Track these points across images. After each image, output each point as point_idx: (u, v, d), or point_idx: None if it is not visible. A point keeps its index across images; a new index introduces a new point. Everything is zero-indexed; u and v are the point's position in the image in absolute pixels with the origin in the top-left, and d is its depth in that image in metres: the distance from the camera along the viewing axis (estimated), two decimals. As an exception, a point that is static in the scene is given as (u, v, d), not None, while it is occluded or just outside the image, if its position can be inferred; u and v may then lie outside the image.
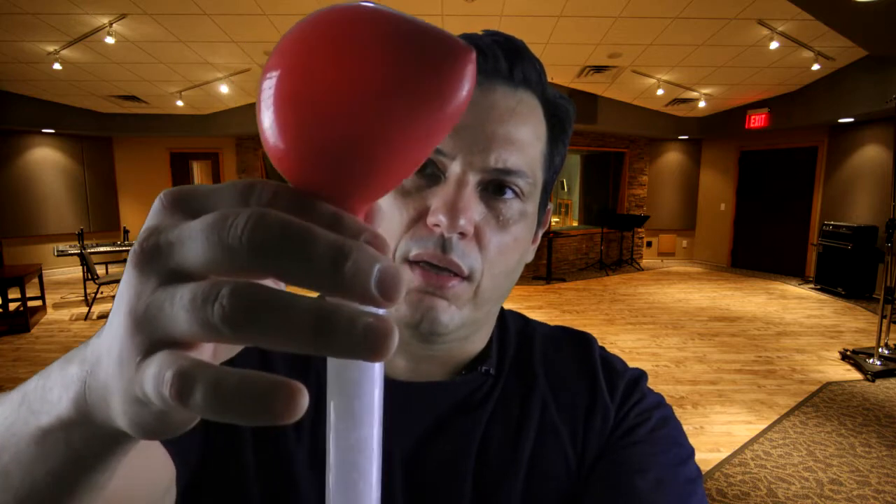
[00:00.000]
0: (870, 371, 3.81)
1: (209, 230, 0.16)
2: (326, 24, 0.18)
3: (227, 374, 0.15)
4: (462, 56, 0.18)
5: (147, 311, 0.17)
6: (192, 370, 0.15)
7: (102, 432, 0.20)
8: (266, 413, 0.15)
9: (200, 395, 0.15)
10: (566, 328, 0.59)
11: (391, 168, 0.19)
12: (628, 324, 5.35)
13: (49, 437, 0.21)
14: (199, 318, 0.16)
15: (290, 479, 0.44)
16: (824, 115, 6.51)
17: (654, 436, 0.49)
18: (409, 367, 0.49)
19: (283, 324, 0.15)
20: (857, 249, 6.36)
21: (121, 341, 0.18)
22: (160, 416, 0.18)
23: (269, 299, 0.15)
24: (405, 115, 0.18)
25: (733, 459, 2.74)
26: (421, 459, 0.46)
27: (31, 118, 7.19)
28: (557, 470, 0.48)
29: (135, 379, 0.17)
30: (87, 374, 0.20)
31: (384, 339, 0.15)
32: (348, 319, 0.15)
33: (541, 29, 4.79)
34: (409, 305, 0.42)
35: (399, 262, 0.43)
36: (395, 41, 0.18)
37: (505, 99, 0.44)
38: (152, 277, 0.17)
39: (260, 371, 0.15)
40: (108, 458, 0.22)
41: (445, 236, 0.41)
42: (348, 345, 0.15)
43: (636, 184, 9.32)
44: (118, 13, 4.29)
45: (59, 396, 0.21)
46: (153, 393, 0.16)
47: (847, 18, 4.13)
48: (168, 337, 0.17)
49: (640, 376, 0.54)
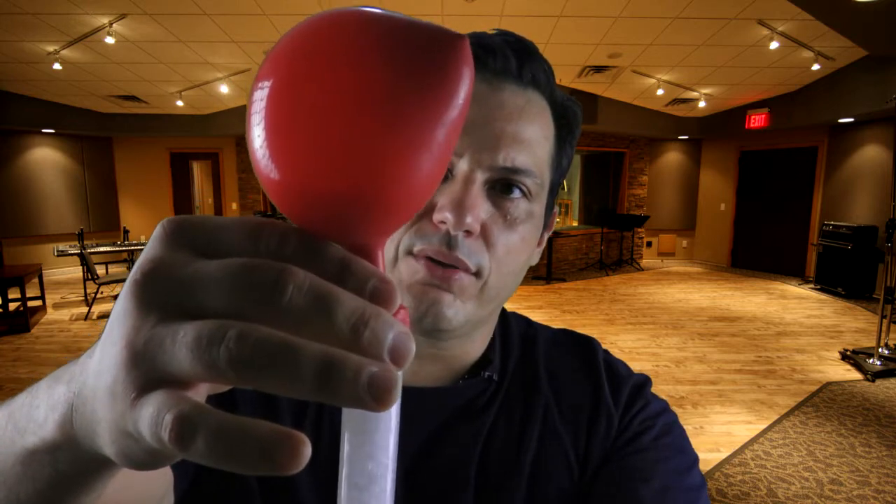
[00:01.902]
0: (870, 371, 3.81)
1: (232, 279, 0.16)
2: (314, 35, 0.18)
3: (229, 421, 0.15)
4: (457, 45, 0.18)
5: (146, 347, 0.17)
6: (194, 416, 0.15)
7: (88, 457, 0.20)
8: (269, 463, 0.15)
9: (202, 443, 0.15)
10: (569, 331, 0.59)
11: (410, 188, 0.18)
12: (628, 324, 5.35)
13: (34, 459, 0.21)
14: (203, 360, 0.15)
15: (291, 489, 0.44)
16: (824, 115, 6.51)
17: (659, 443, 0.48)
18: (412, 369, 0.48)
19: (289, 372, 0.15)
20: (857, 249, 6.36)
21: (114, 374, 0.17)
22: (151, 452, 0.17)
23: (277, 346, 0.15)
24: (416, 119, 0.18)
25: (733, 459, 2.74)
26: (423, 466, 0.46)
27: (31, 118, 7.19)
28: (560, 476, 0.48)
29: (128, 415, 0.17)
30: (75, 396, 0.19)
31: (389, 391, 0.15)
32: (354, 370, 0.15)
33: (541, 29, 4.79)
34: (414, 298, 0.42)
35: (403, 256, 0.43)
36: (391, 43, 0.17)
37: (514, 98, 0.44)
38: (153, 312, 0.17)
39: (261, 420, 0.15)
40: (95, 481, 0.22)
41: (451, 234, 0.41)
42: (353, 395, 0.15)
43: (636, 184, 9.32)
44: (118, 13, 4.29)
45: (46, 417, 0.21)
46: (149, 434, 0.16)
47: (847, 18, 4.13)
48: (167, 375, 0.16)
49: (645, 382, 0.54)
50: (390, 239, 0.42)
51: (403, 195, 0.19)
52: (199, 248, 0.18)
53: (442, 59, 0.18)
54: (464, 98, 0.18)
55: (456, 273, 0.42)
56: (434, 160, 0.19)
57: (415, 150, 0.18)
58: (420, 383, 0.49)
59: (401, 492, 0.45)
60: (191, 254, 0.18)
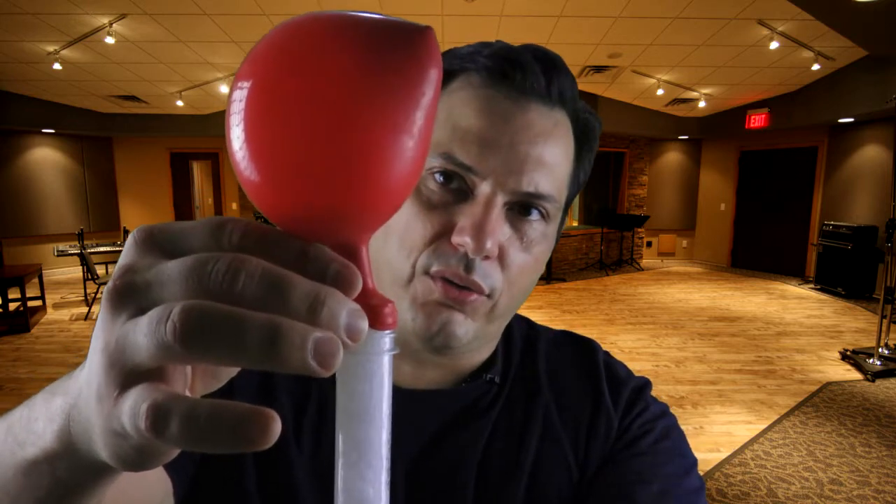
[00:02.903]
0: (870, 371, 3.81)
1: (187, 272, 0.17)
2: (289, 37, 0.19)
3: (200, 404, 0.16)
4: (422, 37, 0.19)
5: (117, 345, 0.18)
6: (167, 402, 0.16)
7: (87, 464, 0.21)
8: (240, 441, 0.16)
9: (175, 427, 0.15)
10: (570, 333, 0.59)
11: (390, 178, 0.19)
12: (628, 324, 5.35)
13: (35, 469, 0.22)
14: (155, 339, 0.16)
15: (291, 491, 0.44)
16: (824, 115, 6.51)
17: (658, 447, 0.49)
18: (414, 373, 0.48)
19: (234, 340, 0.15)
20: (857, 249, 6.36)
21: (98, 377, 0.18)
22: (139, 448, 0.18)
23: (220, 316, 0.16)
24: (389, 110, 0.18)
25: (733, 459, 2.74)
26: (423, 467, 0.46)
27: (31, 118, 7.18)
28: (559, 478, 0.48)
29: (113, 413, 0.17)
30: (71, 406, 0.20)
31: (333, 355, 0.16)
32: (300, 336, 0.16)
33: (541, 29, 4.79)
34: (427, 316, 0.42)
35: (419, 275, 0.42)
36: (360, 40, 0.18)
37: (541, 119, 0.43)
38: (123, 314, 0.18)
39: (232, 401, 0.16)
40: (94, 488, 0.22)
41: (470, 257, 0.40)
42: (299, 361, 0.16)
43: (636, 184, 9.32)
44: (118, 13, 4.29)
45: (44, 429, 0.21)
46: (130, 426, 0.16)
47: (847, 18, 4.13)
48: (136, 366, 0.17)
49: (645, 385, 0.54)
50: (406, 255, 0.42)
51: (382, 190, 0.19)
52: (167, 252, 0.19)
53: (409, 51, 0.18)
54: (434, 88, 0.19)
55: (471, 295, 0.42)
56: (410, 155, 0.19)
57: (390, 144, 0.19)
58: (422, 386, 0.49)
59: (402, 493, 0.45)
60: (159, 257, 0.19)
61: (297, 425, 0.46)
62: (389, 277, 0.44)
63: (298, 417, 0.47)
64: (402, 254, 0.42)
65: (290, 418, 0.46)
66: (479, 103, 0.42)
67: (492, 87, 0.43)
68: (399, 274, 0.43)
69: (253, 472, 0.44)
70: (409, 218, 0.42)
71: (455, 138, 0.42)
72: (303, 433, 0.46)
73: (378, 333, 0.21)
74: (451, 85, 0.45)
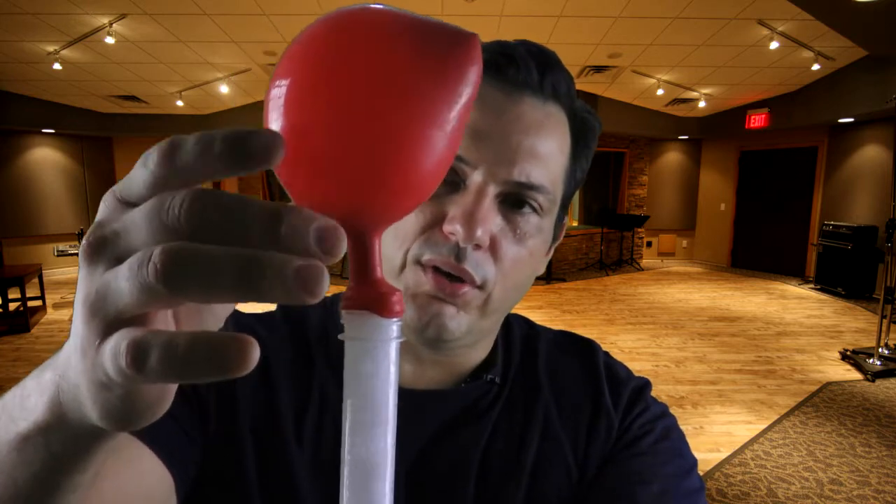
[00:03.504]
0: (870, 371, 3.81)
1: (149, 213, 0.17)
2: (338, 28, 0.19)
3: (178, 335, 0.16)
4: (468, 42, 0.19)
5: (97, 295, 0.18)
6: (146, 337, 0.16)
7: (78, 432, 0.21)
8: (220, 367, 0.16)
9: (155, 358, 0.16)
10: (570, 333, 0.59)
11: (418, 173, 0.20)
12: (628, 324, 5.35)
13: (28, 443, 0.22)
14: (137, 282, 0.16)
15: (292, 488, 0.44)
16: (824, 115, 6.51)
17: (658, 447, 0.49)
18: (415, 373, 0.48)
19: (214, 274, 0.15)
20: (857, 249, 6.36)
21: (81, 331, 0.18)
22: (125, 398, 0.18)
23: (199, 251, 0.16)
24: (429, 109, 0.19)
25: (733, 459, 2.74)
26: (424, 467, 0.46)
27: (31, 118, 7.18)
28: (559, 478, 0.48)
29: (96, 361, 0.18)
30: (60, 377, 0.20)
31: (317, 280, 0.16)
32: (279, 264, 0.16)
33: (541, 29, 4.79)
34: (418, 309, 0.42)
35: (411, 265, 0.42)
36: (410, 36, 0.19)
37: (533, 111, 0.43)
38: (100, 266, 0.18)
39: (210, 331, 0.16)
40: (87, 458, 0.22)
41: (461, 245, 0.40)
42: (282, 289, 0.16)
43: (636, 184, 9.31)
44: (118, 13, 4.29)
45: (36, 403, 0.21)
46: (112, 368, 0.17)
47: (847, 18, 4.12)
48: (119, 313, 0.17)
49: (645, 385, 0.54)
50: (399, 246, 0.43)
51: (411, 178, 0.20)
52: (132, 204, 0.19)
53: (456, 54, 0.19)
54: (472, 91, 0.20)
55: (462, 288, 0.42)
56: (441, 149, 0.20)
57: (424, 143, 0.19)
58: (422, 386, 0.49)
59: (402, 493, 0.45)
60: (125, 210, 0.19)
61: (297, 423, 0.46)
62: (383, 268, 0.44)
63: (299, 415, 0.47)
64: (395, 244, 0.43)
65: (290, 416, 0.46)
66: None
67: (485, 80, 0.43)
68: (391, 264, 0.43)
69: (254, 469, 0.44)
70: None
71: None
72: (304, 430, 0.46)
73: (386, 321, 0.21)
74: None
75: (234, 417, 0.46)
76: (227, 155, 0.16)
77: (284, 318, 0.54)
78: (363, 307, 0.21)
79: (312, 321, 0.53)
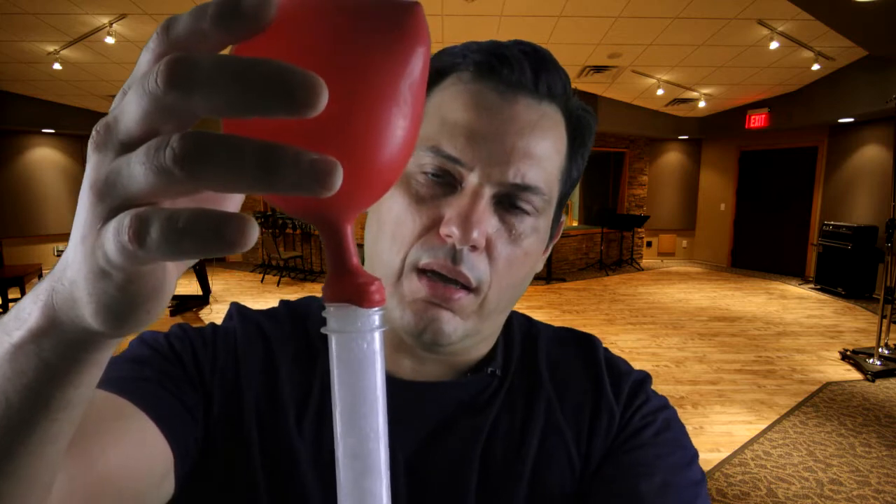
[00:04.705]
0: (870, 371, 3.81)
1: (135, 86, 0.17)
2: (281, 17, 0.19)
3: (180, 210, 0.16)
4: (412, 11, 0.19)
5: (107, 179, 0.18)
6: (149, 212, 0.16)
7: (71, 337, 0.21)
8: (220, 242, 0.16)
9: (157, 232, 0.16)
10: (570, 329, 0.59)
11: (376, 156, 0.19)
12: (628, 324, 5.35)
13: (20, 352, 0.22)
14: (153, 166, 0.16)
15: (295, 482, 0.44)
16: (824, 115, 6.52)
17: (659, 439, 0.49)
18: (415, 368, 0.49)
19: (232, 161, 0.16)
20: (857, 249, 6.36)
21: (84, 218, 0.18)
22: (123, 286, 0.18)
23: (218, 139, 0.16)
24: (376, 82, 0.19)
25: (733, 459, 2.74)
26: (425, 459, 0.46)
27: (31, 118, 7.19)
28: (562, 471, 0.48)
29: (96, 244, 0.18)
30: (56, 281, 0.20)
31: (330, 173, 0.16)
32: (294, 155, 0.16)
33: (541, 29, 4.79)
34: (414, 314, 0.42)
35: (409, 270, 0.43)
36: (346, 16, 0.18)
37: (528, 111, 0.43)
38: (110, 152, 0.18)
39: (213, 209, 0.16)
40: (79, 368, 0.22)
41: (457, 247, 0.41)
42: (296, 178, 0.16)
43: (636, 184, 9.32)
44: (118, 13, 4.29)
45: (30, 311, 0.21)
46: (114, 246, 0.17)
47: (847, 18, 4.13)
48: (128, 197, 0.17)
49: (645, 378, 0.54)
50: (397, 251, 0.43)
51: (373, 161, 0.20)
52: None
53: (401, 25, 0.19)
54: (422, 64, 0.20)
55: (456, 293, 0.42)
56: (401, 129, 0.20)
57: (380, 113, 0.19)
58: (423, 379, 0.49)
59: (403, 485, 0.45)
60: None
61: (299, 416, 0.47)
62: (381, 273, 0.44)
63: (301, 408, 0.47)
64: (393, 249, 0.43)
65: (293, 409, 0.47)
66: (467, 97, 0.43)
67: (480, 81, 0.43)
68: (390, 270, 0.43)
69: (258, 461, 0.45)
70: (399, 212, 0.43)
71: (443, 132, 0.42)
72: (305, 423, 0.47)
73: (366, 311, 0.21)
74: (442, 83, 0.45)
75: (239, 404, 0.46)
76: (220, 16, 0.16)
77: (288, 313, 0.54)
78: (344, 299, 0.21)
79: (315, 316, 0.54)
